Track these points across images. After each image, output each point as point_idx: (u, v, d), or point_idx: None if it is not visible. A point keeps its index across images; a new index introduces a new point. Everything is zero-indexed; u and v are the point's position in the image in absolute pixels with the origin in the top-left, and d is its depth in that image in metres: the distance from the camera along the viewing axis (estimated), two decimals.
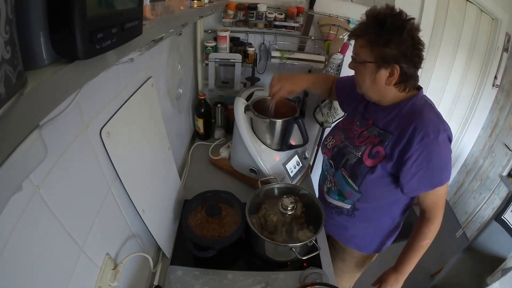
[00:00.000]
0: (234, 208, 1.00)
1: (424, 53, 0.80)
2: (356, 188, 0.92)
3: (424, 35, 0.80)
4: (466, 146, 2.49)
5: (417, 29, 0.78)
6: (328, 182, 1.07)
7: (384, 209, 0.99)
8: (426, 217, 0.91)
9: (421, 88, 0.88)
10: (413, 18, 0.78)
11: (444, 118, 0.84)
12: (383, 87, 0.83)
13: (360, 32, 0.82)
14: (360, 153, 0.91)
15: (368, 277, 1.22)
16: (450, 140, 0.81)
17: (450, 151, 0.82)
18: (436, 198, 0.87)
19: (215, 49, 1.44)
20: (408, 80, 0.81)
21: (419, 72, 0.84)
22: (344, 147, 0.98)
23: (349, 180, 0.93)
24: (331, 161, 1.02)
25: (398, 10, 0.78)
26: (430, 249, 0.94)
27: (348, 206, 1.02)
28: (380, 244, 1.08)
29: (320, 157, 2.02)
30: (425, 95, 0.88)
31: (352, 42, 0.86)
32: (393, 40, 0.76)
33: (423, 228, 0.91)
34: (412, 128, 0.79)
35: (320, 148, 1.11)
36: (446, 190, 0.88)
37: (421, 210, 0.93)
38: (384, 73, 0.80)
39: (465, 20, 1.91)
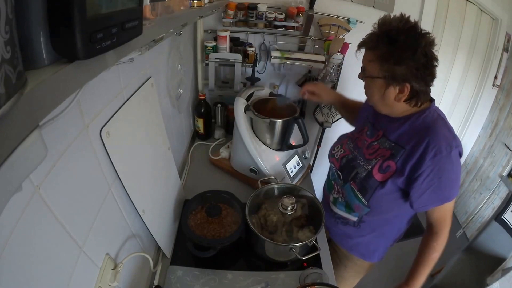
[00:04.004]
0: (234, 208, 1.00)
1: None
2: (365, 202, 0.90)
3: None
4: (466, 146, 2.49)
5: (431, 44, 0.74)
6: (335, 192, 1.04)
7: (390, 220, 0.98)
8: (434, 231, 0.89)
9: (433, 100, 0.86)
10: (428, 33, 0.75)
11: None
12: (392, 102, 0.81)
13: (370, 45, 0.79)
14: (370, 167, 0.88)
15: (367, 281, 1.22)
16: (461, 155, 0.79)
17: (460, 167, 0.81)
18: (444, 213, 0.86)
19: (215, 49, 1.44)
20: (419, 96, 0.79)
21: None
22: (353, 159, 0.95)
23: (358, 194, 0.91)
24: (339, 172, 0.99)
25: (413, 23, 0.74)
26: None
27: (354, 218, 1.00)
28: (383, 252, 1.08)
29: (320, 157, 2.02)
30: (437, 108, 0.85)
31: (362, 50, 0.84)
32: (405, 59, 0.72)
33: (432, 242, 0.89)
34: (425, 144, 0.77)
35: (328, 157, 1.09)
36: (454, 203, 0.86)
37: (428, 223, 0.91)
38: (393, 90, 0.78)
39: (465, 20, 1.90)
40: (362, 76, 0.86)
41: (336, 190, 1.03)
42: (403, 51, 0.73)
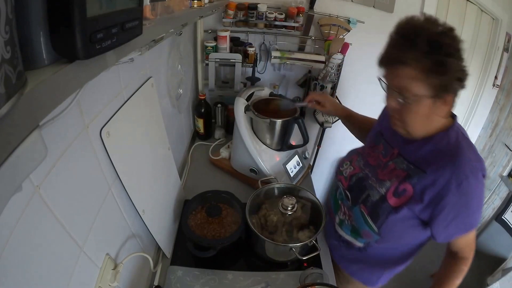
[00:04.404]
0: (234, 208, 1.00)
1: None
2: (376, 229, 0.80)
3: None
4: None
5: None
6: (341, 214, 0.93)
7: (401, 248, 0.88)
8: (460, 256, 0.80)
9: (456, 116, 0.77)
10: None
11: None
12: (433, 120, 0.72)
13: (404, 59, 0.64)
14: (384, 190, 0.78)
15: None
16: (484, 177, 0.72)
17: (484, 189, 0.73)
18: (469, 238, 0.78)
19: (215, 49, 1.44)
20: (453, 106, 0.71)
21: None
22: (364, 178, 0.85)
23: (368, 219, 0.81)
24: (347, 192, 0.89)
25: (448, 25, 0.64)
26: (430, 249, 0.93)
27: (360, 244, 0.90)
28: (386, 278, 0.98)
29: (320, 157, 2.02)
30: (459, 125, 0.76)
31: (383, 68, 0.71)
32: (452, 65, 0.63)
33: (461, 265, 0.80)
34: (450, 171, 0.68)
35: (335, 174, 1.00)
36: None
37: (451, 251, 0.82)
38: (440, 105, 0.68)
39: (465, 20, 1.90)
40: (397, 103, 0.70)
41: (342, 211, 0.92)
42: (449, 57, 0.62)
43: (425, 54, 0.63)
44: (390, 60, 0.69)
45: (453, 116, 0.77)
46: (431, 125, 0.73)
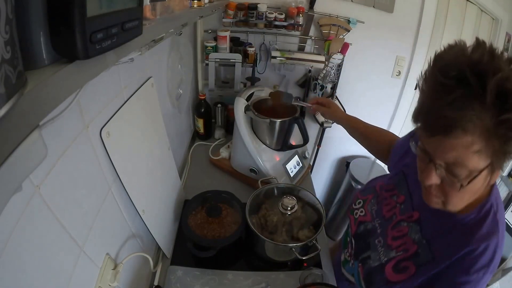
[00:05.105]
0: (234, 208, 1.00)
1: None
2: None
3: (424, 35, 0.70)
4: None
5: None
6: (347, 253, 0.83)
7: None
8: None
9: (494, 184, 0.58)
10: None
11: None
12: (477, 192, 0.54)
13: (463, 121, 0.43)
14: (386, 259, 0.68)
15: None
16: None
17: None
18: None
19: (215, 49, 1.44)
20: None
21: None
22: (371, 233, 0.74)
23: (362, 283, 0.72)
24: (353, 240, 0.80)
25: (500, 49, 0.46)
26: None
27: None
28: None
29: (320, 157, 2.02)
30: (497, 194, 0.59)
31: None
32: None
33: None
34: (464, 253, 0.54)
35: (347, 209, 0.90)
36: None
37: None
38: (495, 175, 0.51)
39: (465, 20, 1.90)
40: (441, 177, 0.52)
41: (348, 252, 0.82)
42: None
43: (491, 109, 0.42)
44: (437, 125, 0.47)
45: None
46: (474, 197, 0.56)
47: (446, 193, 0.53)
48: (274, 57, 1.52)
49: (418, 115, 0.51)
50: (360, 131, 0.96)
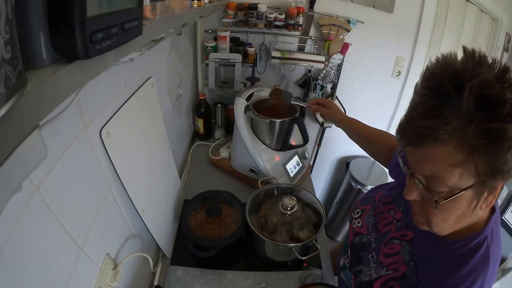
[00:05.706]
0: (234, 208, 1.00)
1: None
2: None
3: (424, 35, 0.69)
4: None
5: None
6: (346, 259, 0.81)
7: None
8: None
9: (495, 211, 0.55)
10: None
11: None
12: (468, 216, 0.49)
13: (436, 132, 0.41)
14: (375, 276, 0.65)
15: None
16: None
17: None
18: None
19: (215, 49, 1.44)
20: None
21: None
22: (365, 246, 0.73)
23: None
24: (349, 249, 0.79)
25: (503, 65, 0.41)
26: None
27: None
28: None
29: (320, 157, 2.02)
30: (497, 217, 0.55)
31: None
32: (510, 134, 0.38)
33: None
34: (448, 285, 0.51)
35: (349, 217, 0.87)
36: None
37: None
38: (487, 196, 0.46)
39: (465, 20, 1.90)
40: (420, 193, 0.49)
41: (347, 259, 0.81)
42: (508, 122, 0.38)
43: (470, 119, 0.39)
44: (410, 134, 0.44)
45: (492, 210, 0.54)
46: (465, 222, 0.51)
47: (427, 212, 0.50)
48: (274, 57, 1.52)
49: (398, 127, 0.48)
50: (361, 133, 0.94)
